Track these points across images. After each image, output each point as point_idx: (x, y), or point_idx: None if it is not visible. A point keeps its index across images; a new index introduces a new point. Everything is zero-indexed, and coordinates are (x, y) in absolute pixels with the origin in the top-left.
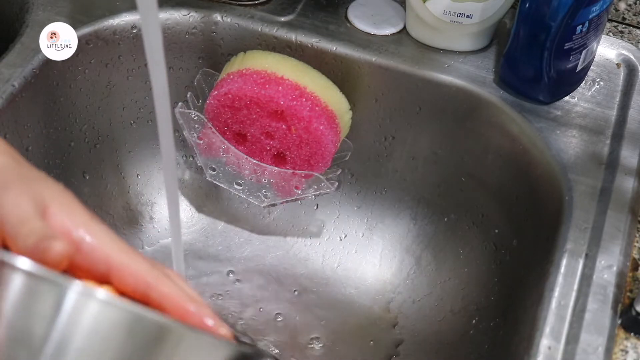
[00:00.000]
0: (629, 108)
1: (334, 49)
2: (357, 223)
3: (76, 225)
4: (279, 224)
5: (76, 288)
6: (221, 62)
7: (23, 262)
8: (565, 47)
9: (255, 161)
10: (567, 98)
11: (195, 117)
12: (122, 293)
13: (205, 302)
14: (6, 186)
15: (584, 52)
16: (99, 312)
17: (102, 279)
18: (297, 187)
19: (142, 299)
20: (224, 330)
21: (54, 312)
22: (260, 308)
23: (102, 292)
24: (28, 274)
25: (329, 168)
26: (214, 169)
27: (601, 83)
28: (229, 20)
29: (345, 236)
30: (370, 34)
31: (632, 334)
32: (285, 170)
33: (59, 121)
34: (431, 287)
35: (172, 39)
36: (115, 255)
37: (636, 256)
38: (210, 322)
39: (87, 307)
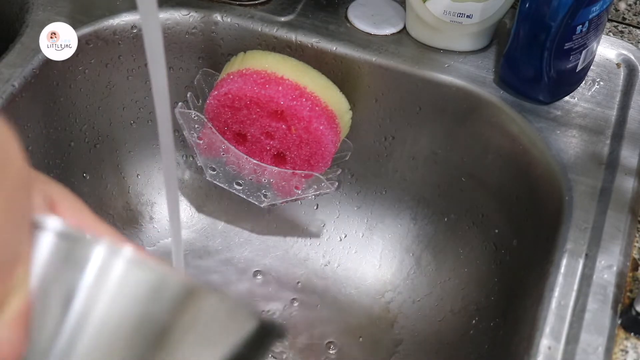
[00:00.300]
0: (629, 108)
1: (334, 49)
2: (357, 223)
3: (84, 225)
4: (279, 224)
5: (104, 245)
6: (221, 62)
7: (51, 221)
8: (565, 47)
9: (255, 161)
10: (567, 98)
11: (195, 117)
12: None
13: None
14: None
15: (584, 52)
16: (126, 270)
17: None
18: (297, 187)
19: None
20: None
21: (82, 268)
22: (259, 308)
23: (130, 250)
24: (55, 233)
25: (329, 168)
26: (214, 169)
27: (601, 83)
28: (229, 20)
29: (345, 236)
30: (370, 34)
31: (632, 334)
32: (285, 170)
33: (59, 121)
34: (431, 287)
35: (172, 39)
36: None
37: (636, 256)
38: None
39: (115, 265)
